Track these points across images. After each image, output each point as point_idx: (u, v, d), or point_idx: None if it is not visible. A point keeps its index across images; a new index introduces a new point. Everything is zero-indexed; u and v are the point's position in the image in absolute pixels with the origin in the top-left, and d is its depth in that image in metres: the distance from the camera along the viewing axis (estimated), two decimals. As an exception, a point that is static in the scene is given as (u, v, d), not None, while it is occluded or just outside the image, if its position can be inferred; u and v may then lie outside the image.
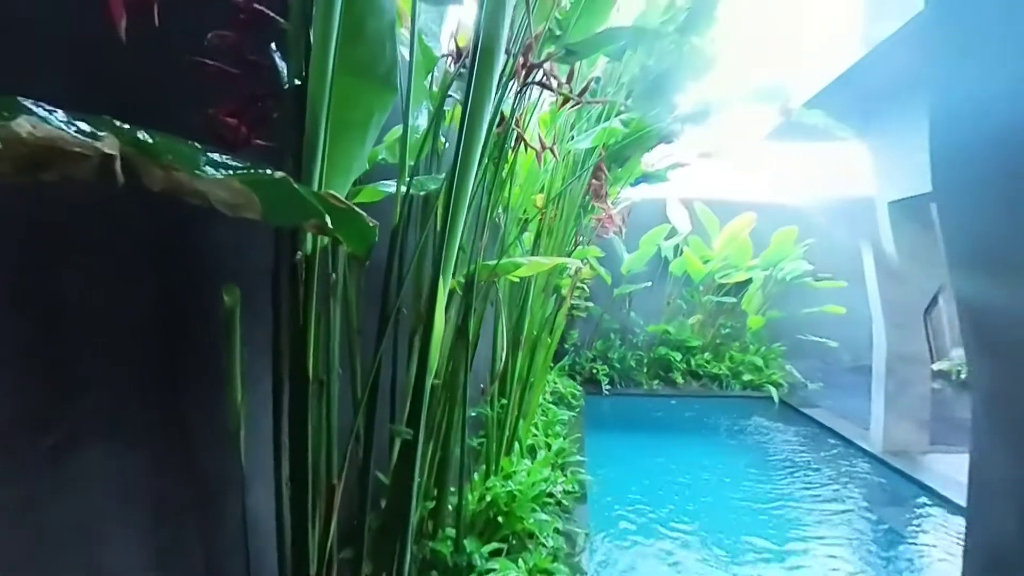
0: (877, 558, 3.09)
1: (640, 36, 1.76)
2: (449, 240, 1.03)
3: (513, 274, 2.08)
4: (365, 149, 0.92)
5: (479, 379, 3.09)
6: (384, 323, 1.16)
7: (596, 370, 6.43)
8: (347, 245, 0.75)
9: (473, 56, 1.02)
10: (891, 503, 3.70)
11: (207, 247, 1.23)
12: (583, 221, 3.84)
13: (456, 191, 1.00)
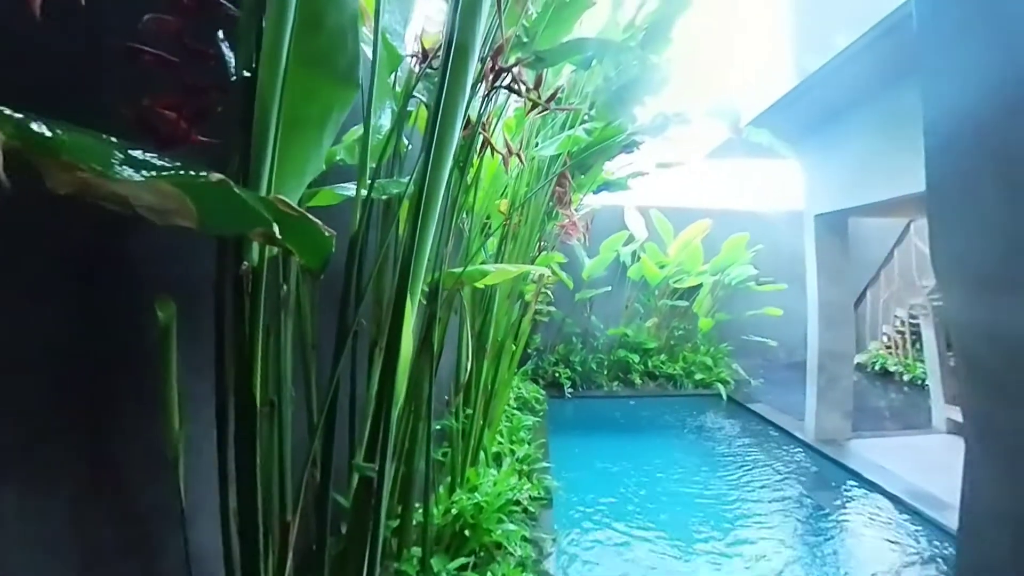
0: (808, 532, 3.43)
1: (605, 48, 1.75)
2: (419, 249, 0.95)
3: (480, 282, 2.01)
4: (322, 149, 0.82)
5: (443, 390, 2.98)
6: (342, 337, 1.05)
7: (559, 374, 6.46)
8: (300, 257, 0.66)
9: (447, 53, 0.95)
10: (821, 486, 4.01)
11: (141, 257, 1.08)
12: (547, 227, 3.83)
13: (427, 196, 0.91)
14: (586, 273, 6.77)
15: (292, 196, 0.80)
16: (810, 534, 3.39)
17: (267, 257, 0.80)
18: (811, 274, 4.66)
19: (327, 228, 0.59)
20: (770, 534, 3.33)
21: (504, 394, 3.50)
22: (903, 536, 3.25)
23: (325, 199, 1.13)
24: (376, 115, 1.23)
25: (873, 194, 3.87)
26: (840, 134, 4.13)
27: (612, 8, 3.07)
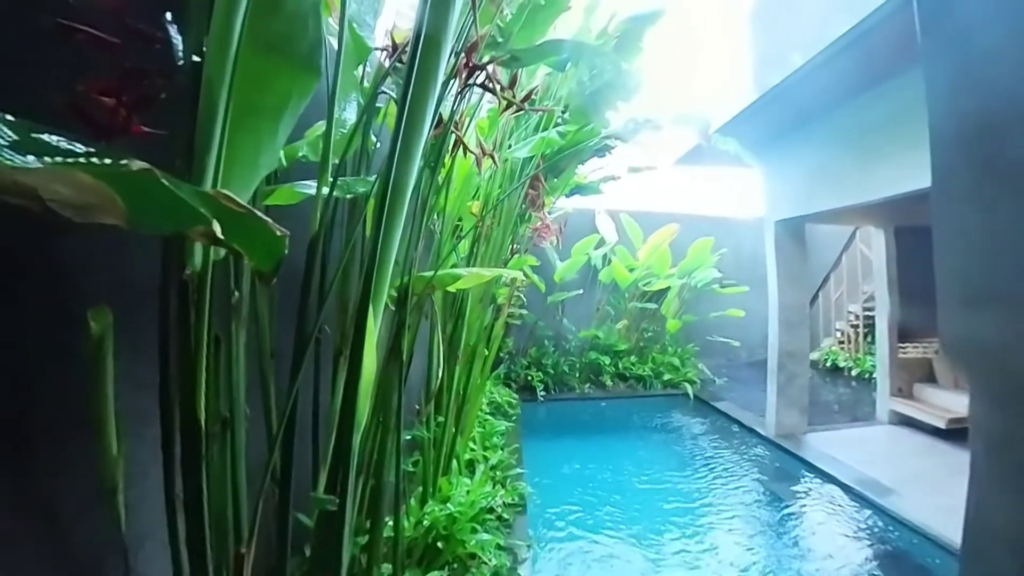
0: (767, 520, 3.61)
1: (581, 51, 1.73)
2: (384, 252, 0.87)
3: (452, 286, 1.93)
4: (277, 141, 0.74)
5: (413, 398, 2.87)
6: (302, 346, 0.96)
7: (531, 377, 6.43)
8: (249, 259, 0.58)
9: (415, 44, 0.88)
10: (780, 478, 4.20)
11: (74, 263, 0.95)
12: (520, 230, 3.79)
13: (393, 195, 0.84)
14: (558, 276, 6.79)
15: (243, 191, 0.72)
16: (770, 524, 3.54)
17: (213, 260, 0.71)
18: (772, 277, 4.84)
19: (279, 227, 0.52)
20: (734, 525, 3.48)
21: (477, 400, 3.43)
22: (852, 521, 3.44)
23: (284, 197, 1.04)
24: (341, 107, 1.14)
25: (826, 202, 4.07)
26: (797, 146, 4.32)
27: (585, 15, 3.08)
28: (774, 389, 4.84)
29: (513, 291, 4.53)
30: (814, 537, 3.34)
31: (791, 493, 3.90)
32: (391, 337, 1.69)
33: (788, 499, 3.80)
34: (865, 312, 7.35)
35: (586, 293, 7.25)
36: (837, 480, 3.83)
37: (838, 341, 7.94)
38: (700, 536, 3.30)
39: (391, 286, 1.83)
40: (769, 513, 3.65)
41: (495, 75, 1.65)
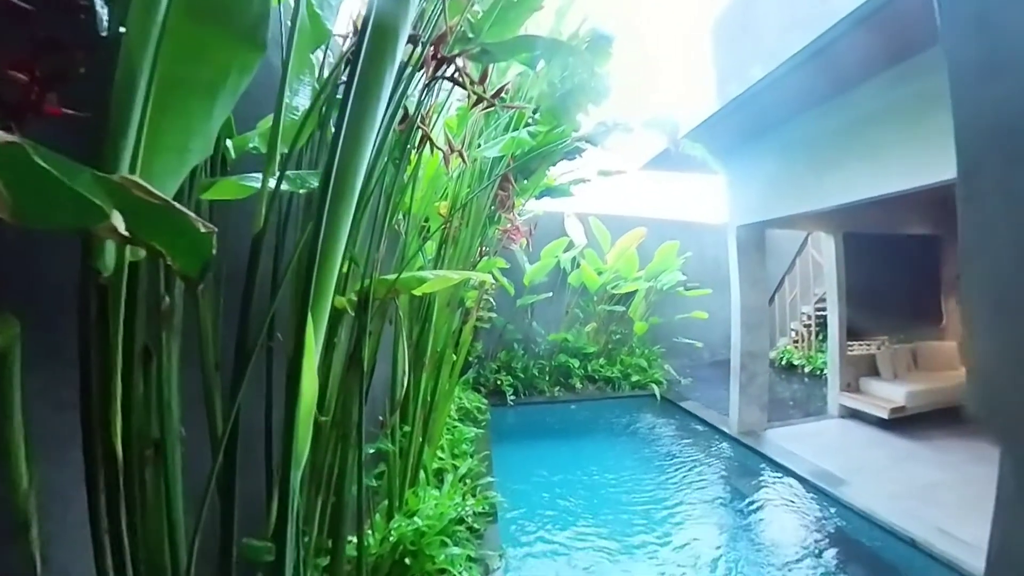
0: (734, 516, 3.73)
1: (555, 48, 1.68)
2: (326, 252, 0.78)
3: (418, 289, 1.83)
4: (212, 122, 0.63)
5: (378, 408, 2.73)
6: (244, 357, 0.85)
7: (501, 381, 6.35)
8: (172, 259, 0.48)
9: (364, 27, 0.80)
10: (742, 472, 4.37)
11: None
12: (489, 232, 3.72)
13: (337, 188, 0.75)
14: (527, 279, 6.76)
15: (169, 180, 0.61)
16: (737, 520, 3.65)
17: (131, 261, 0.60)
18: (734, 280, 5.00)
19: (204, 223, 0.42)
20: (703, 524, 3.57)
21: (445, 407, 3.32)
22: (809, 512, 3.61)
23: (226, 191, 0.92)
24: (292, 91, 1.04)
25: (784, 208, 4.26)
26: (758, 154, 4.49)
27: (556, 18, 3.07)
28: (737, 388, 5.00)
29: (482, 294, 4.45)
30: (776, 530, 3.46)
31: (754, 488, 4.04)
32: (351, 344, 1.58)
33: (752, 494, 3.94)
34: (817, 313, 7.76)
35: (555, 296, 7.26)
36: (795, 474, 4.00)
37: (792, 340, 8.35)
38: (671, 536, 3.34)
39: (351, 290, 1.72)
40: (736, 509, 3.76)
41: (465, 69, 1.58)
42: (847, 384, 5.45)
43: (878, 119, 3.21)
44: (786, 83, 3.24)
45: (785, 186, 4.18)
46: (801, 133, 3.92)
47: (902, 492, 3.55)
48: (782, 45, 3.03)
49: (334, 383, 1.57)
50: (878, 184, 3.23)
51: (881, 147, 3.21)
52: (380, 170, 1.60)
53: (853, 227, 5.51)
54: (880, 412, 4.92)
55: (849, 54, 2.88)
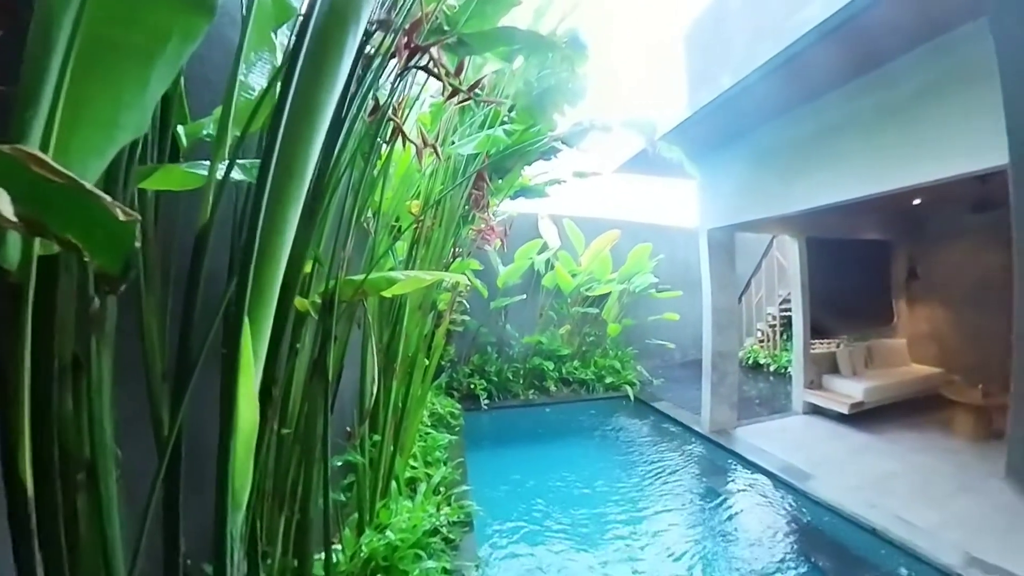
0: (704, 510, 3.84)
1: (535, 42, 1.64)
2: (267, 250, 0.69)
3: (387, 291, 1.73)
4: (148, 94, 0.55)
5: (345, 417, 2.60)
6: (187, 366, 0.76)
7: (474, 385, 6.26)
8: (88, 253, 0.40)
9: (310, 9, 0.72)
10: (715, 471, 4.47)
11: None
12: (462, 232, 3.65)
13: (280, 179, 0.67)
14: (501, 281, 6.70)
15: (92, 159, 0.52)
16: (711, 518, 3.73)
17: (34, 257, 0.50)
18: (706, 282, 5.12)
19: (124, 209, 0.35)
20: (678, 523, 3.63)
21: (417, 413, 3.21)
22: (779, 506, 3.73)
23: (170, 180, 0.82)
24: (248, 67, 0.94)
25: (752, 213, 4.39)
26: (728, 160, 4.62)
27: (535, 18, 3.04)
28: (708, 388, 5.11)
29: (455, 297, 4.36)
30: (749, 525, 3.54)
31: (728, 486, 4.15)
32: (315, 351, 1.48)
33: (726, 492, 4.04)
34: (781, 313, 8.09)
35: (529, 298, 7.23)
36: (765, 470, 4.12)
37: (758, 340, 8.67)
38: (649, 537, 3.36)
39: (315, 292, 1.61)
40: (711, 508, 3.83)
41: (440, 60, 1.52)
42: (810, 381, 5.68)
43: (841, 129, 3.36)
44: (754, 92, 3.34)
45: (754, 191, 4.32)
46: (769, 140, 4.06)
47: (862, 484, 3.72)
48: (750, 55, 3.12)
49: (297, 393, 1.46)
50: (840, 191, 3.38)
51: (843, 156, 3.35)
52: (346, 162, 1.51)
53: (815, 231, 5.76)
54: (841, 408, 5.15)
55: (813, 66, 3.00)
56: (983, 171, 2.50)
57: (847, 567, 2.95)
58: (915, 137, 2.83)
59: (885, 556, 2.94)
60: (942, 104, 2.69)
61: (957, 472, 3.90)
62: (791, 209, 3.90)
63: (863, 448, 4.49)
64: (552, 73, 2.83)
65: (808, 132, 3.64)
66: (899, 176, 2.94)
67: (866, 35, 2.62)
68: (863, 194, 3.22)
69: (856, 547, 3.09)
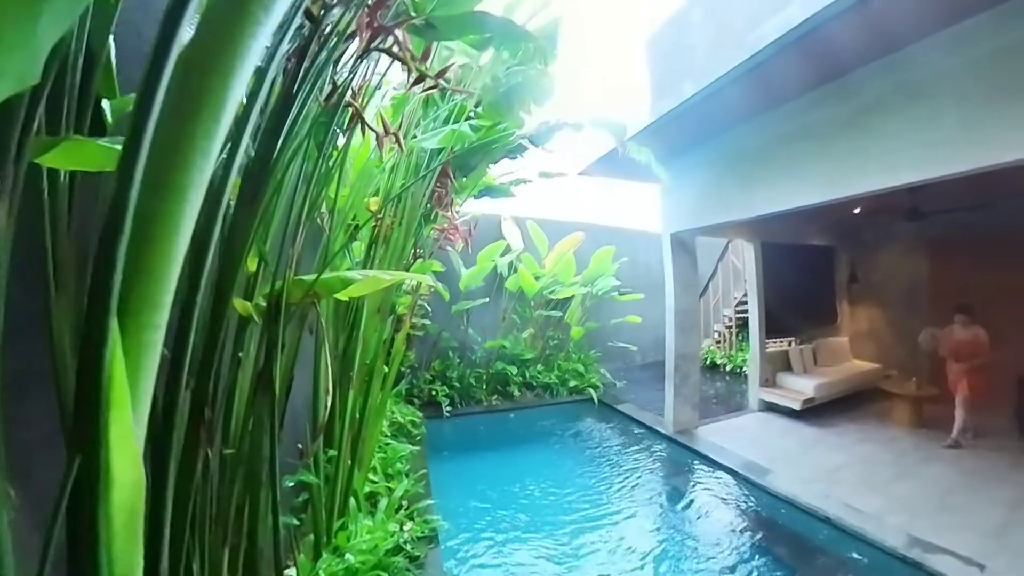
0: (671, 509, 3.95)
1: (508, 31, 1.57)
2: (140, 243, 0.57)
3: (342, 293, 1.60)
4: (37, 36, 0.43)
5: (298, 432, 2.42)
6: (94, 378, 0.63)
7: (436, 391, 6.10)
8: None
9: None
10: (679, 470, 4.60)
11: None
12: (424, 231, 3.52)
13: (157, 159, 0.55)
14: (463, 284, 6.59)
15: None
16: (676, 513, 3.85)
17: None
18: (669, 285, 5.26)
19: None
20: (646, 523, 3.69)
21: (376, 424, 3.05)
22: (740, 500, 3.90)
23: (79, 157, 0.68)
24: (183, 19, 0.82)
25: (714, 217, 4.56)
26: (690, 165, 4.77)
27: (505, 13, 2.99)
28: (671, 389, 5.25)
29: (416, 300, 4.22)
30: (714, 521, 3.66)
31: (693, 484, 4.28)
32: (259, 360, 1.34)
33: (691, 491, 4.18)
34: (737, 315, 8.50)
35: (492, 301, 7.16)
36: (727, 467, 4.29)
37: (715, 341, 9.06)
38: (617, 540, 3.38)
39: (258, 293, 1.47)
40: (677, 507, 3.94)
41: (406, 43, 1.43)
42: (765, 380, 5.98)
43: (798, 138, 3.55)
44: (716, 100, 3.47)
45: (716, 195, 4.49)
46: (731, 146, 4.23)
47: (815, 476, 3.94)
48: (712, 65, 3.24)
49: (240, 409, 1.31)
50: (798, 197, 3.57)
51: (800, 163, 3.55)
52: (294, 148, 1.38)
53: (769, 236, 6.10)
54: (793, 404, 5.45)
55: (772, 78, 3.15)
56: (927, 181, 2.72)
57: (805, 556, 3.10)
58: (865, 148, 3.04)
59: (839, 543, 3.13)
60: (888, 118, 2.90)
61: (896, 459, 4.23)
62: (751, 214, 4.07)
63: (814, 442, 4.77)
64: (520, 70, 2.80)
65: (768, 140, 3.82)
66: (851, 184, 3.15)
67: (821, 51, 2.78)
68: (818, 200, 3.42)
69: (812, 536, 3.27)
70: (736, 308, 8.56)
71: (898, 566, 2.80)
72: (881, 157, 2.94)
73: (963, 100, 2.50)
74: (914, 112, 2.73)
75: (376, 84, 2.01)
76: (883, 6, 2.28)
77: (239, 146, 0.82)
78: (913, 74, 2.73)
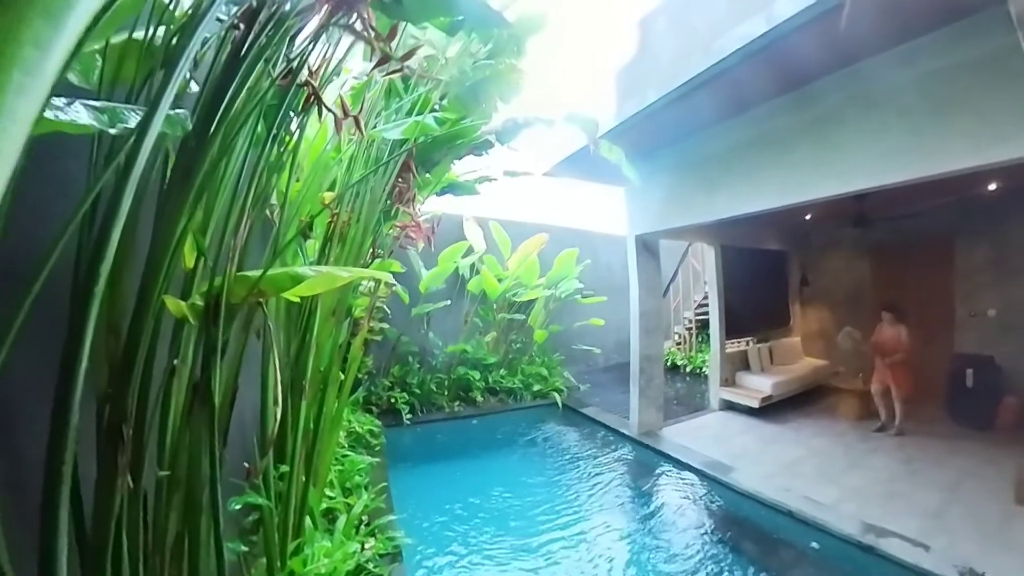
0: (638, 511, 4.02)
1: (483, 16, 1.50)
2: None
3: (293, 291, 1.45)
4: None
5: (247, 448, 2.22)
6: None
7: (395, 399, 5.90)
8: None
9: None
10: (646, 471, 4.69)
11: None
12: (383, 229, 3.38)
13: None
14: (424, 286, 6.43)
15: None
16: (644, 515, 3.91)
17: None
18: (633, 287, 5.37)
19: None
20: (614, 527, 3.72)
21: (332, 435, 2.88)
22: (706, 498, 4.04)
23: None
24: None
25: (678, 220, 4.71)
26: (656, 169, 4.90)
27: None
28: (636, 391, 5.35)
29: (374, 302, 4.05)
30: (682, 520, 3.76)
31: (660, 485, 4.39)
32: (195, 369, 1.21)
33: (659, 491, 4.28)
34: (697, 317, 8.84)
35: (453, 304, 7.04)
36: (692, 467, 4.42)
37: (676, 343, 9.38)
38: (588, 547, 3.38)
39: (197, 292, 1.32)
40: (645, 508, 4.01)
41: (370, 20, 1.34)
42: (725, 379, 6.24)
43: (759, 144, 3.72)
44: (680, 106, 3.58)
45: (681, 198, 4.63)
46: (695, 151, 4.37)
47: (775, 471, 4.14)
48: (675, 72, 3.34)
49: (175, 425, 1.17)
50: (758, 201, 3.75)
51: (761, 169, 3.72)
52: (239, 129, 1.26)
53: (729, 240, 6.38)
54: (752, 402, 5.72)
55: (733, 86, 3.27)
56: (877, 188, 2.92)
57: (770, 549, 3.25)
58: (821, 155, 3.24)
59: (801, 534, 3.30)
60: (843, 127, 3.10)
61: (847, 451, 4.53)
62: (714, 217, 4.22)
63: (772, 438, 5.02)
64: (489, 64, 2.75)
65: (730, 145, 3.98)
66: (808, 190, 3.34)
67: (781, 62, 2.92)
68: (777, 205, 3.61)
69: (776, 529, 3.43)
70: (696, 310, 8.90)
71: (855, 552, 3.00)
72: (836, 164, 3.14)
73: (911, 113, 2.71)
74: (867, 123, 2.94)
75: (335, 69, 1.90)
76: (832, 24, 2.42)
77: (158, 107, 0.70)
78: (867, 87, 2.93)
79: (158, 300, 1.09)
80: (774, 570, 3.00)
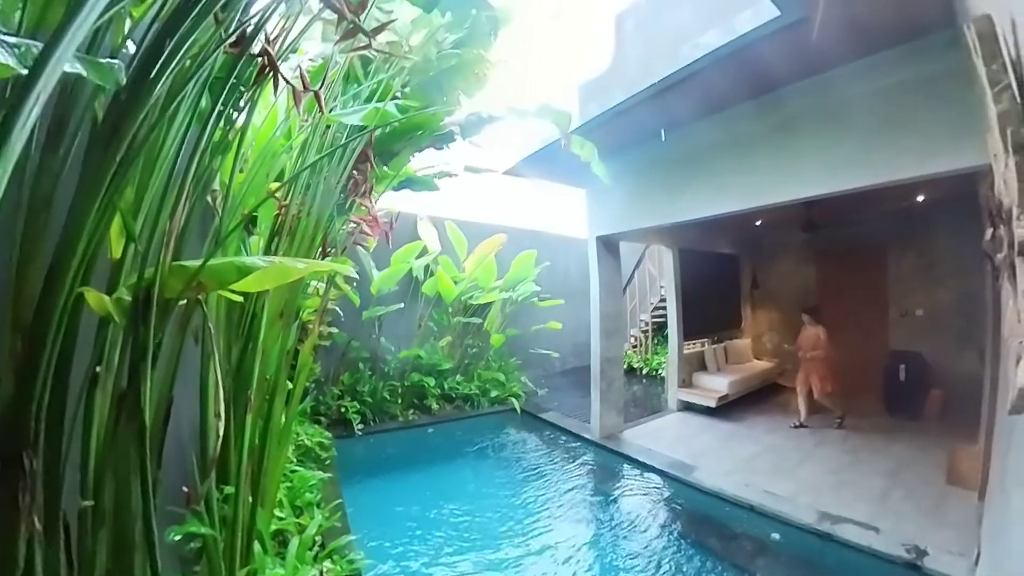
0: (602, 514, 4.08)
1: None
2: None
3: (238, 285, 1.27)
4: None
5: (184, 470, 1.99)
6: None
7: (345, 408, 5.62)
8: None
9: None
10: (610, 475, 4.78)
11: None
12: (336, 224, 3.19)
13: None
14: (375, 288, 6.18)
15: None
16: (611, 518, 3.98)
17: None
18: (594, 289, 5.45)
19: None
20: (579, 534, 3.73)
21: (281, 451, 2.66)
22: (670, 498, 4.17)
23: None
24: None
25: (640, 222, 4.84)
26: (618, 171, 4.98)
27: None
28: (597, 395, 5.42)
29: (325, 303, 3.82)
30: (649, 520, 3.84)
31: (624, 488, 4.46)
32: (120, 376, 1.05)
33: (622, 494, 4.35)
34: (653, 319, 9.15)
35: (407, 307, 6.82)
36: (655, 468, 4.56)
37: (632, 346, 9.65)
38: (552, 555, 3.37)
39: (123, 284, 1.15)
40: (611, 512, 4.06)
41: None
42: (682, 380, 6.48)
43: (720, 150, 3.91)
44: (638, 114, 3.69)
45: (643, 201, 4.76)
46: (657, 154, 4.51)
47: (735, 468, 4.35)
48: (641, 74, 3.43)
49: (99, 445, 1.01)
50: (718, 205, 3.93)
51: (722, 174, 3.91)
52: (180, 99, 1.12)
53: (687, 244, 6.65)
54: (709, 402, 5.98)
55: (697, 92, 3.41)
56: (830, 195, 3.16)
57: (734, 542, 3.40)
58: (779, 162, 3.45)
59: (762, 526, 3.49)
60: (800, 136, 3.32)
61: (798, 446, 4.85)
62: (677, 219, 4.38)
63: (729, 436, 5.27)
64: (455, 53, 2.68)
65: (694, 149, 4.14)
66: (765, 195, 3.55)
67: (744, 69, 3.07)
68: (736, 208, 3.80)
69: (739, 523, 3.60)
70: (652, 312, 9.21)
71: (813, 539, 3.23)
72: (792, 171, 3.35)
73: (861, 126, 2.96)
74: (822, 133, 3.17)
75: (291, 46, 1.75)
76: (795, 36, 2.58)
77: (61, 40, 0.58)
78: (823, 99, 3.16)
79: (74, 292, 0.93)
80: (740, 563, 3.13)
